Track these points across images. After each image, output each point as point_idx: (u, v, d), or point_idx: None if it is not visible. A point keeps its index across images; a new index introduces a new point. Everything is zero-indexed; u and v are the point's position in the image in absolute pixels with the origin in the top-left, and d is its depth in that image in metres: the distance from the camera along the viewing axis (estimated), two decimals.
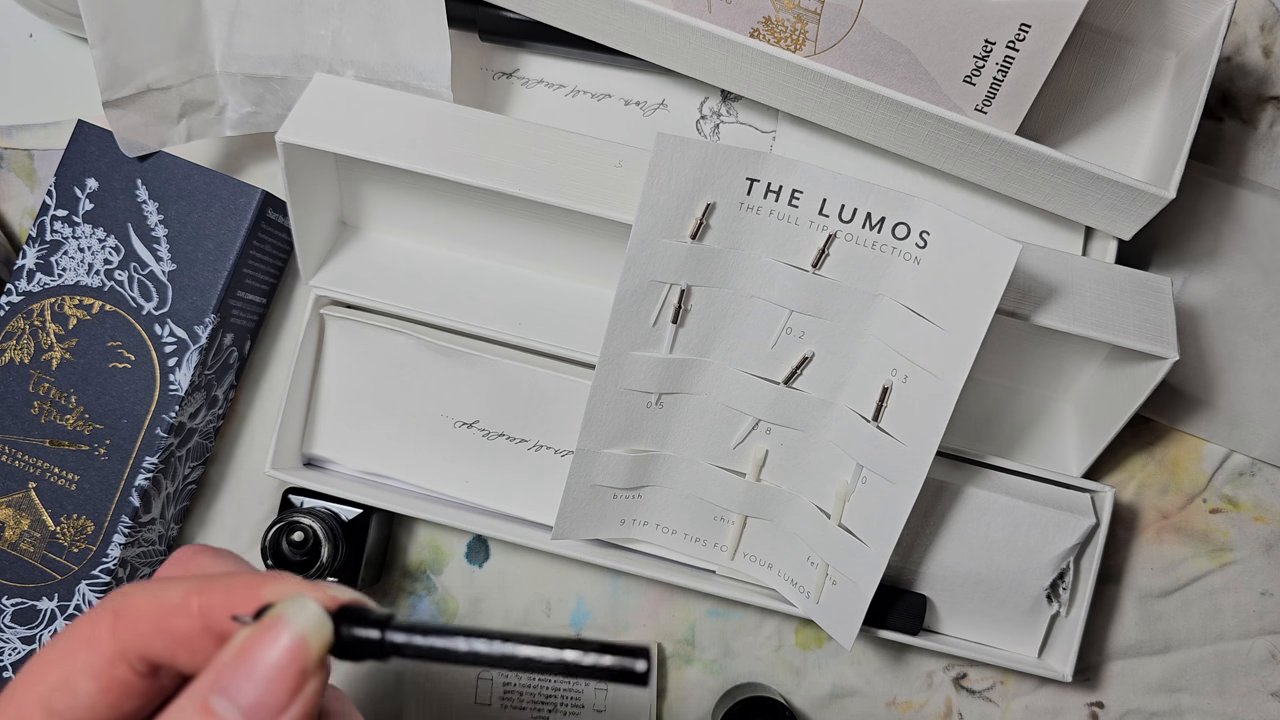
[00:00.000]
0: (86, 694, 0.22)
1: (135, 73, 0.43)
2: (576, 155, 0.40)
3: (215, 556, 0.27)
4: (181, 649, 0.22)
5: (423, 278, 0.46)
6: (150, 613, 0.22)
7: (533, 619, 0.49)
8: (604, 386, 0.40)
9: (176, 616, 0.22)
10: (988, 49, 0.37)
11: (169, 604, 0.22)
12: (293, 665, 0.20)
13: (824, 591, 0.42)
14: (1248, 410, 0.47)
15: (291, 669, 0.20)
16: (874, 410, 0.39)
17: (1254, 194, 0.47)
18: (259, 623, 0.20)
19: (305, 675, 0.20)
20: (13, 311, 0.45)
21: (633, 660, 0.19)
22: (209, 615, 0.22)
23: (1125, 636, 0.48)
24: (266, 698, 0.20)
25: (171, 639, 0.22)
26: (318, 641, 0.20)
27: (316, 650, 0.20)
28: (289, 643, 0.20)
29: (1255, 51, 0.48)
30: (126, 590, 0.23)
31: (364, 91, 0.42)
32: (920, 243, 0.37)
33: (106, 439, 0.45)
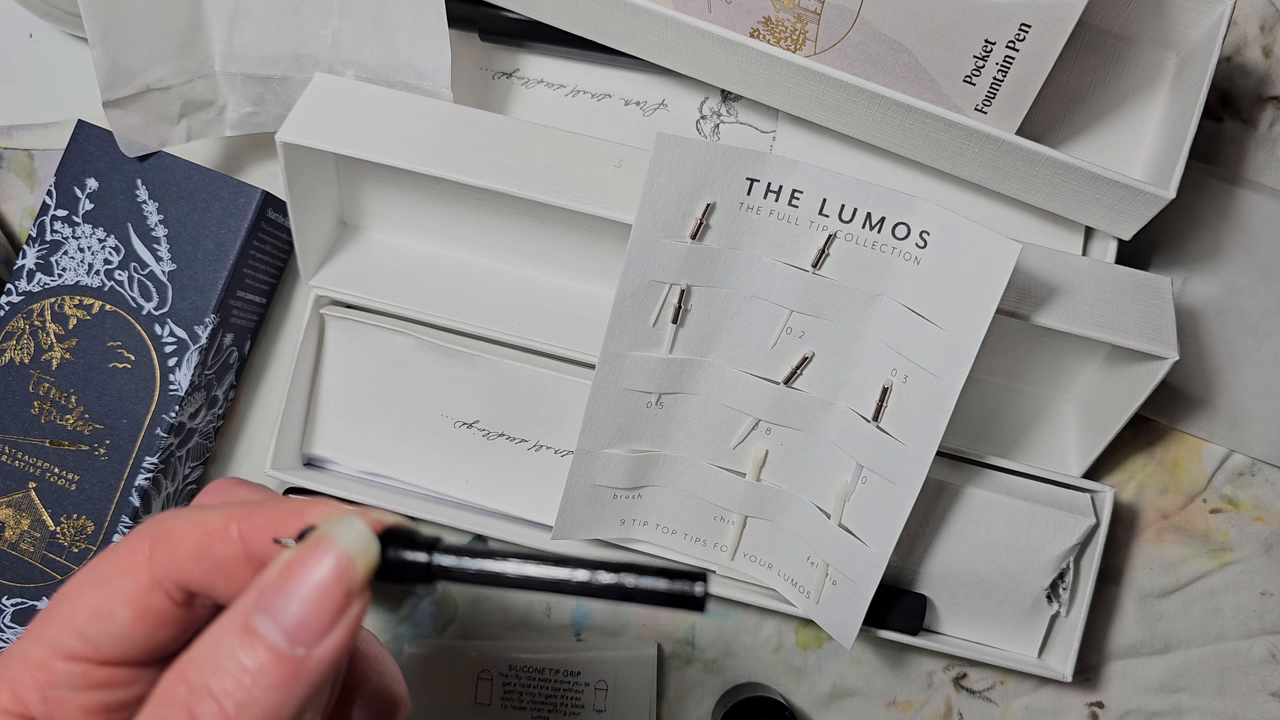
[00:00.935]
0: (122, 621, 0.22)
1: (135, 73, 0.43)
2: (576, 155, 0.40)
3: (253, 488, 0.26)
4: (220, 576, 0.22)
5: (423, 278, 0.46)
6: (189, 538, 0.22)
7: (532, 620, 0.49)
8: (604, 386, 0.40)
9: (216, 542, 0.22)
10: (988, 49, 0.37)
11: (209, 529, 0.22)
12: (338, 585, 0.19)
13: (824, 591, 0.42)
14: (1248, 410, 0.47)
15: (337, 589, 0.19)
16: (874, 410, 0.39)
17: (1254, 194, 0.47)
18: (305, 542, 0.20)
19: (350, 596, 0.19)
20: (13, 311, 0.45)
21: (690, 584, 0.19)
22: (250, 541, 0.21)
23: (1125, 636, 0.48)
24: (310, 618, 0.19)
25: (210, 565, 0.22)
26: (364, 562, 0.20)
27: (362, 570, 0.20)
28: (334, 562, 0.19)
29: (1255, 51, 0.48)
30: (164, 516, 0.23)
31: (364, 91, 0.42)
32: (920, 243, 0.37)
33: (106, 439, 0.45)
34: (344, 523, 0.20)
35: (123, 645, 0.22)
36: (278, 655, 0.19)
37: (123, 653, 0.22)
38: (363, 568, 0.20)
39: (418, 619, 0.50)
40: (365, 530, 0.20)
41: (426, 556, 0.20)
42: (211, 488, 0.26)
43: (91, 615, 0.22)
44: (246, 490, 0.26)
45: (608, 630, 0.49)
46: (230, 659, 0.19)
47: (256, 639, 0.19)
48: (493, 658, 0.48)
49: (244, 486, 0.26)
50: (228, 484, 0.26)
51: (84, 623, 0.22)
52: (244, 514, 0.22)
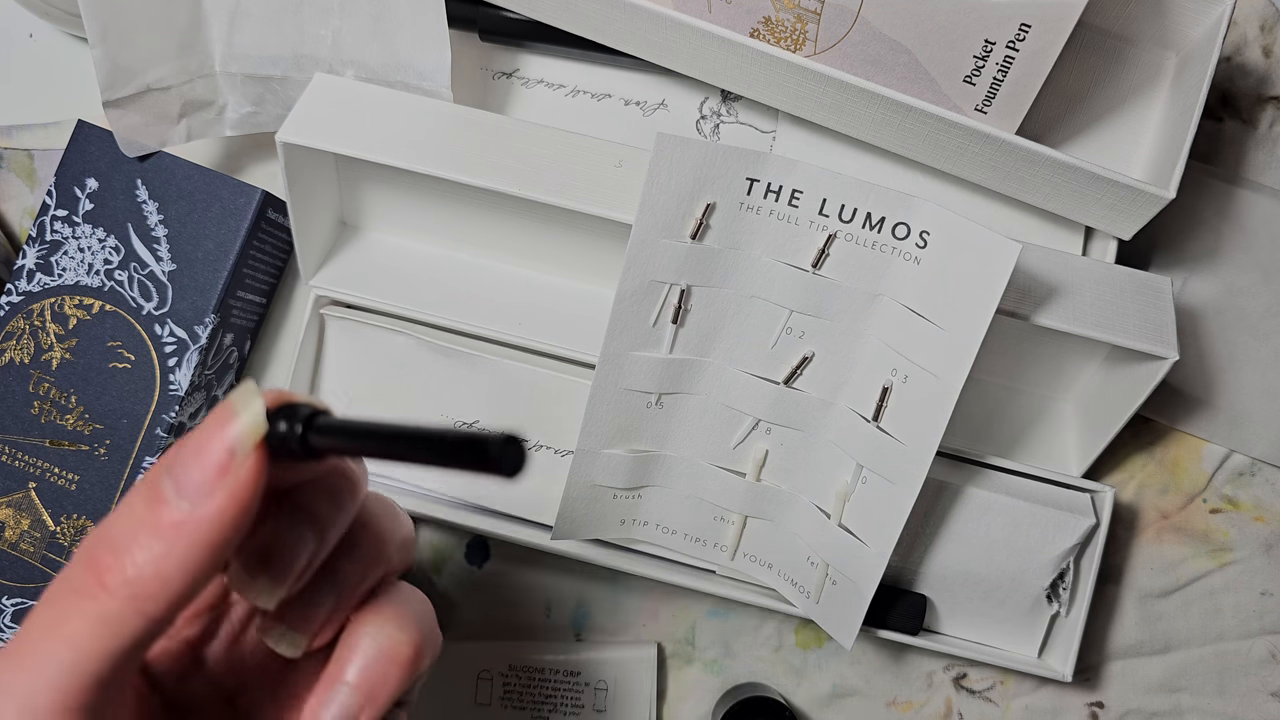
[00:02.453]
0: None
1: (135, 73, 0.43)
2: (576, 155, 0.40)
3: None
4: None
5: (423, 278, 0.46)
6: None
7: (532, 620, 0.49)
8: (604, 386, 0.40)
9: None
10: (988, 49, 0.37)
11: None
12: (224, 447, 0.21)
13: (824, 591, 0.42)
14: (1248, 410, 0.47)
15: (222, 451, 0.21)
16: (874, 410, 0.39)
17: (1254, 194, 0.47)
18: (210, 412, 0.22)
19: (233, 457, 0.21)
20: (13, 311, 0.45)
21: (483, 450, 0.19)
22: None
23: (1125, 636, 0.48)
24: (199, 477, 0.21)
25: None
26: (250, 429, 0.21)
27: (246, 436, 0.21)
28: (227, 429, 0.21)
29: (1255, 51, 0.48)
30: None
31: (364, 91, 0.42)
32: (920, 243, 0.37)
33: (106, 439, 0.45)
34: (244, 394, 0.22)
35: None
36: (169, 509, 0.21)
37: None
38: (247, 432, 0.21)
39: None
40: (259, 401, 0.22)
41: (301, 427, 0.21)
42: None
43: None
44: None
45: (608, 630, 0.49)
46: (131, 513, 0.21)
47: (155, 494, 0.21)
48: (493, 658, 0.48)
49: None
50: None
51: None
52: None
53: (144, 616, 0.21)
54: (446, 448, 0.19)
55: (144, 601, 0.21)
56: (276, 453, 0.22)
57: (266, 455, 0.21)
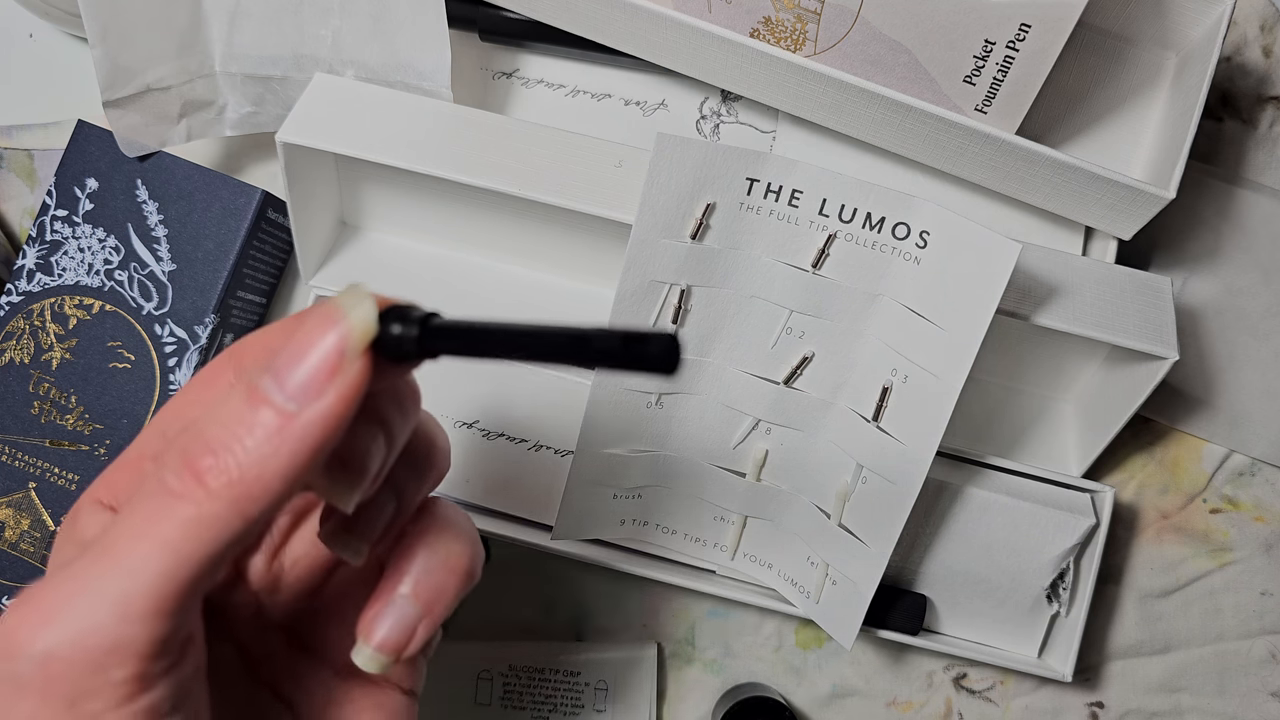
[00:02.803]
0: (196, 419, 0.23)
1: (135, 73, 0.43)
2: (576, 155, 0.40)
3: None
4: None
5: (423, 278, 0.46)
6: (260, 341, 0.24)
7: (532, 620, 0.49)
8: (604, 386, 0.40)
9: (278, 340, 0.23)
10: (988, 49, 0.37)
11: (273, 332, 0.24)
12: (335, 349, 0.20)
13: (824, 591, 0.42)
14: (1248, 410, 0.47)
15: (333, 352, 0.20)
16: (874, 410, 0.39)
17: (1254, 194, 0.47)
18: (314, 311, 0.21)
19: (343, 358, 0.20)
20: (13, 311, 0.45)
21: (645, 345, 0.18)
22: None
23: (1125, 636, 0.48)
24: (306, 378, 0.20)
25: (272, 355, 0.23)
26: (361, 329, 0.21)
27: (358, 336, 0.21)
28: (334, 329, 0.20)
29: (1255, 51, 0.48)
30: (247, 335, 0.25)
31: (364, 91, 0.42)
32: (920, 243, 0.37)
33: (106, 439, 0.45)
34: (352, 294, 0.21)
35: None
36: (274, 410, 0.20)
37: None
38: (359, 334, 0.21)
39: None
40: (370, 303, 0.21)
41: (417, 331, 0.21)
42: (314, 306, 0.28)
43: (173, 417, 0.24)
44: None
45: (608, 630, 0.49)
46: (230, 412, 0.20)
47: (258, 395, 0.20)
48: (493, 658, 0.48)
49: None
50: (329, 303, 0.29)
51: (167, 424, 0.24)
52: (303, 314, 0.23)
53: (244, 518, 0.20)
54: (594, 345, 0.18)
55: (246, 503, 0.20)
56: (388, 355, 0.21)
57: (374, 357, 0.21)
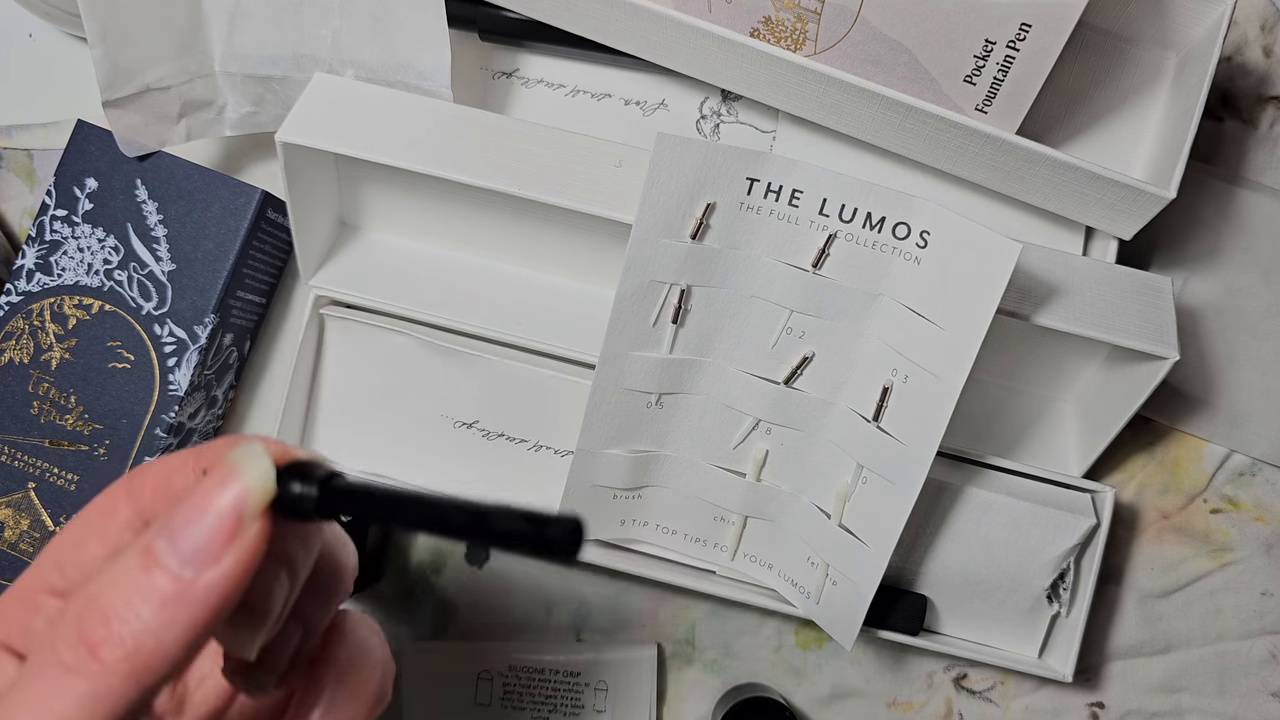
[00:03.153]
0: (94, 558, 0.23)
1: (135, 73, 0.43)
2: (576, 155, 0.40)
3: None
4: None
5: (423, 278, 0.46)
6: (156, 475, 0.23)
7: (532, 620, 0.49)
8: (604, 386, 0.40)
9: (177, 476, 0.23)
10: (988, 49, 0.37)
11: (171, 465, 0.23)
12: (230, 513, 0.20)
13: (824, 592, 0.42)
14: (1248, 410, 0.47)
15: (229, 516, 0.20)
16: (874, 410, 0.39)
17: (1254, 194, 0.47)
18: (210, 471, 0.21)
19: (241, 522, 0.20)
20: (12, 311, 0.45)
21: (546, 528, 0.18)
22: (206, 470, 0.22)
23: (1125, 637, 0.48)
24: (202, 543, 0.20)
25: (171, 500, 0.22)
26: (258, 491, 0.20)
27: (255, 499, 0.20)
28: (232, 491, 0.20)
29: (1255, 51, 0.48)
30: (144, 465, 0.24)
31: (364, 91, 0.42)
32: (920, 243, 0.37)
33: (106, 439, 0.45)
34: (248, 452, 0.20)
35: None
36: (170, 576, 0.19)
37: None
38: (256, 496, 0.20)
39: (418, 619, 0.50)
40: (267, 462, 0.20)
41: (316, 491, 0.20)
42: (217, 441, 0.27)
43: (71, 549, 0.23)
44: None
45: (608, 630, 0.49)
46: (125, 577, 0.20)
47: (152, 559, 0.20)
48: (493, 658, 0.48)
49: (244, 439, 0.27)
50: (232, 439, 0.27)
51: (63, 555, 0.23)
52: (202, 450, 0.23)
53: (142, 689, 0.20)
54: (494, 523, 0.18)
55: (143, 674, 0.19)
56: (287, 514, 0.20)
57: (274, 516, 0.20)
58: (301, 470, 0.21)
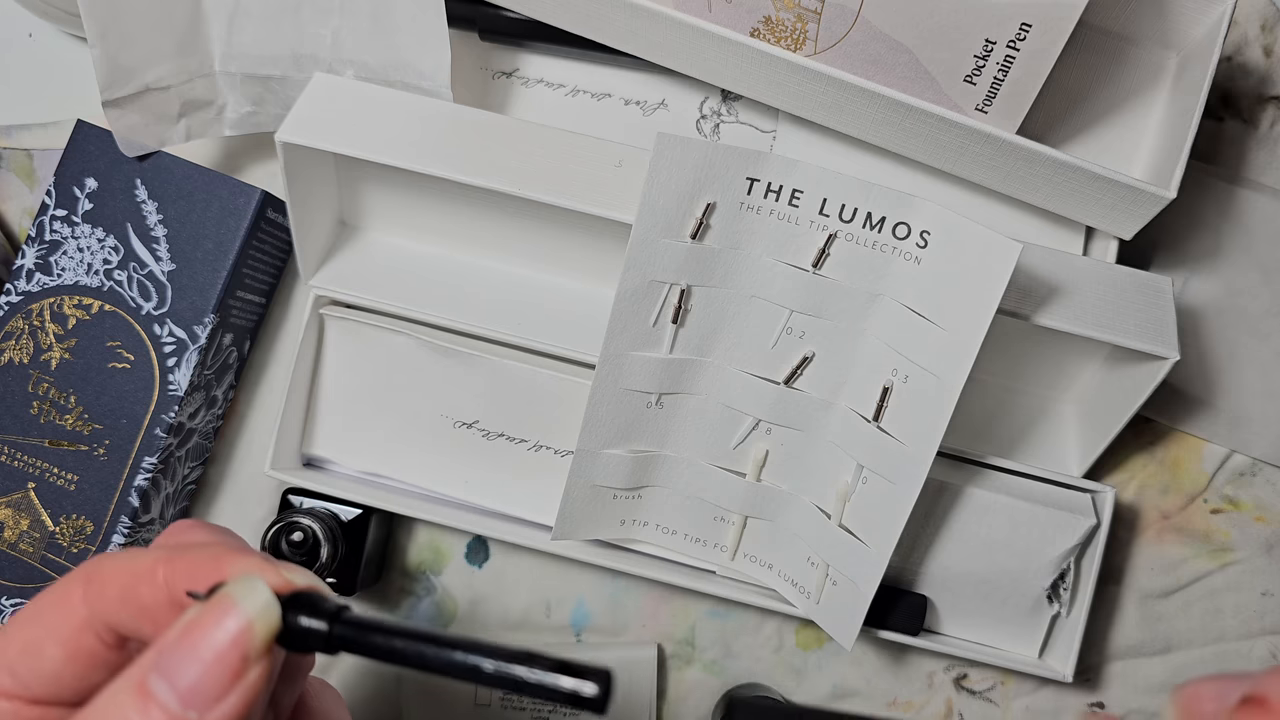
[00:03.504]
0: (51, 660, 0.22)
1: (134, 72, 0.43)
2: (576, 155, 0.40)
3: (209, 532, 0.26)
4: (147, 620, 0.21)
5: (423, 278, 0.46)
6: (118, 580, 0.22)
7: (532, 620, 0.49)
8: (604, 386, 0.40)
9: (143, 585, 0.21)
10: (988, 49, 0.37)
11: (137, 571, 0.21)
12: (234, 650, 0.19)
13: (824, 592, 0.42)
14: (1248, 410, 0.47)
15: (233, 654, 0.19)
16: (874, 410, 0.39)
17: (1255, 194, 0.47)
18: (208, 602, 0.20)
19: (247, 662, 0.19)
20: (12, 311, 0.45)
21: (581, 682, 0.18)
22: (174, 587, 0.21)
23: (1126, 637, 0.48)
24: (205, 682, 0.19)
25: (137, 609, 0.21)
26: (263, 627, 0.19)
27: (261, 637, 0.19)
28: (234, 626, 0.19)
29: (1256, 51, 0.48)
30: (101, 557, 0.22)
31: (364, 91, 0.42)
32: (921, 242, 0.37)
33: (106, 439, 0.45)
34: (247, 584, 0.19)
35: (53, 685, 0.22)
36: (167, 716, 0.18)
37: (53, 693, 0.22)
38: (262, 633, 0.19)
39: (418, 619, 0.50)
40: (268, 594, 0.19)
41: (328, 626, 0.19)
42: (171, 529, 0.26)
43: (22, 652, 0.22)
44: (203, 533, 0.25)
45: (608, 630, 0.49)
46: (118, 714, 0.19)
47: (150, 700, 0.19)
48: None
49: (202, 529, 0.26)
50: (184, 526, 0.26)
51: (15, 658, 0.22)
52: (170, 558, 0.21)
53: None
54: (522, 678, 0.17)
55: None
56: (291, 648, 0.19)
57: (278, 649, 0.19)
58: (305, 602, 0.20)
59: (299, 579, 0.21)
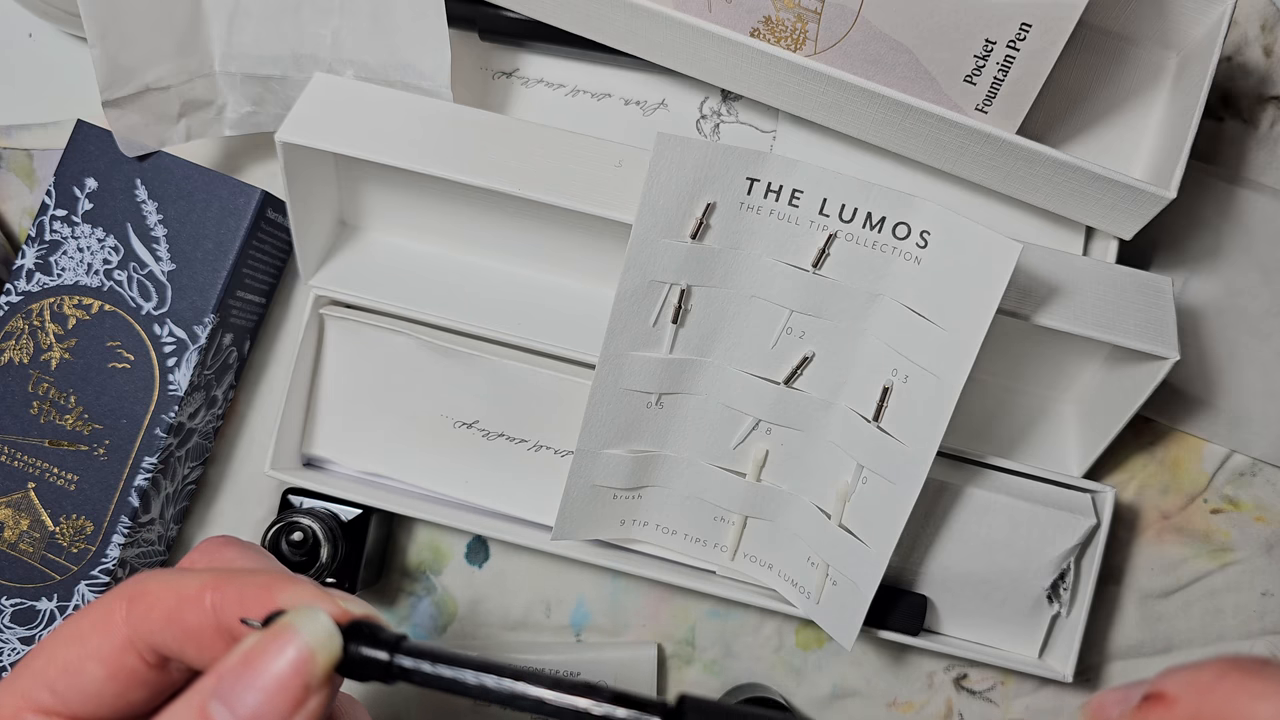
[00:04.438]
0: (93, 679, 0.22)
1: (134, 72, 0.43)
2: (576, 155, 0.40)
3: (242, 549, 0.26)
4: (191, 643, 0.21)
5: (423, 278, 0.46)
6: (164, 602, 0.22)
7: (532, 620, 0.49)
8: (604, 386, 0.40)
9: (189, 609, 0.21)
10: (988, 48, 0.37)
11: (184, 595, 0.22)
12: (296, 679, 0.19)
13: (824, 592, 0.42)
14: (1248, 410, 0.47)
15: (295, 683, 0.19)
16: (874, 410, 0.39)
17: (1254, 194, 0.47)
18: (267, 630, 0.20)
19: (309, 691, 0.19)
20: (12, 311, 0.45)
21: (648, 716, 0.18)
22: (222, 612, 0.21)
23: (1126, 637, 0.48)
24: (266, 710, 0.19)
25: (182, 632, 0.21)
26: (325, 657, 0.19)
27: (323, 666, 0.19)
28: (295, 655, 0.19)
29: (1256, 51, 0.48)
30: (145, 576, 0.22)
31: (364, 91, 0.42)
32: (921, 242, 0.37)
33: (106, 439, 0.45)
34: (308, 614, 0.20)
35: (94, 703, 0.22)
36: None
37: (93, 711, 0.22)
38: (323, 662, 0.19)
39: (418, 619, 0.50)
40: (329, 624, 0.20)
41: (388, 656, 0.20)
42: (203, 546, 0.26)
43: (64, 670, 0.22)
44: (235, 551, 0.26)
45: (608, 630, 0.49)
46: None
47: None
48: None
49: (233, 547, 0.26)
50: (217, 543, 0.26)
51: (56, 677, 0.22)
52: (218, 583, 0.21)
53: None
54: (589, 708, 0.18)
55: None
56: (351, 676, 0.20)
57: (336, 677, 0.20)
58: (364, 631, 0.20)
59: (356, 608, 0.21)
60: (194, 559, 0.25)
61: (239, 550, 0.26)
